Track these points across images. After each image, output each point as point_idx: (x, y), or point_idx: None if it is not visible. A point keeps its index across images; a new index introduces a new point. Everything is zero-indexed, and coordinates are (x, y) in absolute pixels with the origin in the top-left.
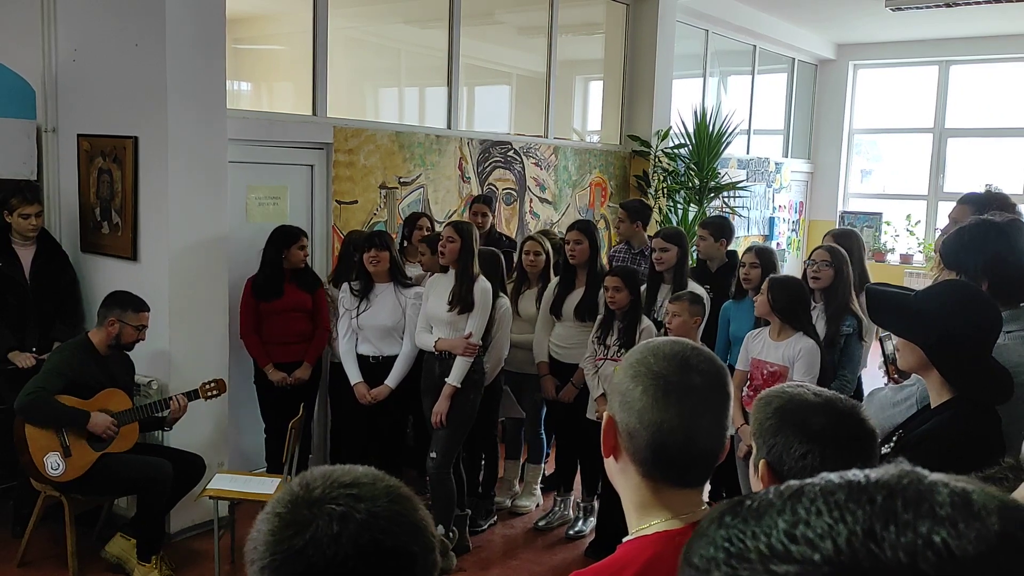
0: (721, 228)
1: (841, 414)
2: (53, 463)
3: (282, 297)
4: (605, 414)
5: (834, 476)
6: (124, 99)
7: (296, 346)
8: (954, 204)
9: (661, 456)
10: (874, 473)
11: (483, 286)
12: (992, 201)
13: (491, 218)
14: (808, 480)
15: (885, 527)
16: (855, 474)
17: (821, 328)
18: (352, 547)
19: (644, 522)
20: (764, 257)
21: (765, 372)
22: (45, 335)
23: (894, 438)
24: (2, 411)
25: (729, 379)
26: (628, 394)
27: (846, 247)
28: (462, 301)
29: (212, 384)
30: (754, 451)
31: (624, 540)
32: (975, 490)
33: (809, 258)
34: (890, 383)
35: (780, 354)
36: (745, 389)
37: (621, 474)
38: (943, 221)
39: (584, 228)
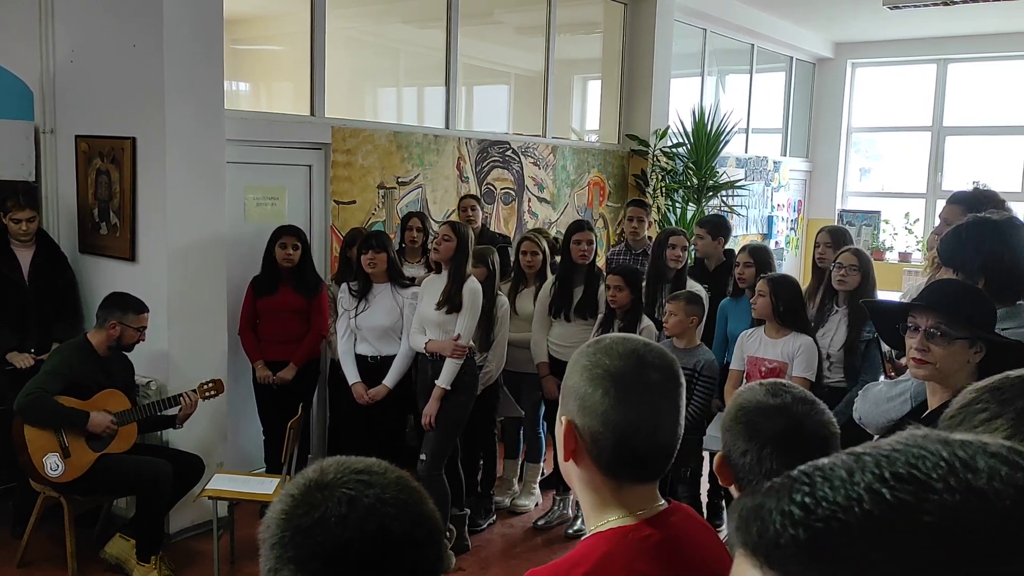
0: (718, 227)
1: (796, 417)
2: (52, 464)
3: (275, 295)
4: (563, 419)
5: (883, 442)
6: (122, 100)
7: (284, 346)
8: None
9: (626, 454)
10: (915, 450)
11: (472, 287)
12: (982, 199)
13: (481, 213)
14: (854, 449)
15: (966, 468)
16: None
17: (843, 332)
18: (358, 530)
19: (601, 519)
20: (758, 256)
21: (763, 369)
22: (44, 336)
23: None
24: (1, 412)
25: (680, 370)
26: (587, 398)
27: (840, 244)
28: (450, 302)
29: (210, 384)
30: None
31: (582, 537)
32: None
33: (835, 261)
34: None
35: (779, 351)
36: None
37: (580, 476)
38: None
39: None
